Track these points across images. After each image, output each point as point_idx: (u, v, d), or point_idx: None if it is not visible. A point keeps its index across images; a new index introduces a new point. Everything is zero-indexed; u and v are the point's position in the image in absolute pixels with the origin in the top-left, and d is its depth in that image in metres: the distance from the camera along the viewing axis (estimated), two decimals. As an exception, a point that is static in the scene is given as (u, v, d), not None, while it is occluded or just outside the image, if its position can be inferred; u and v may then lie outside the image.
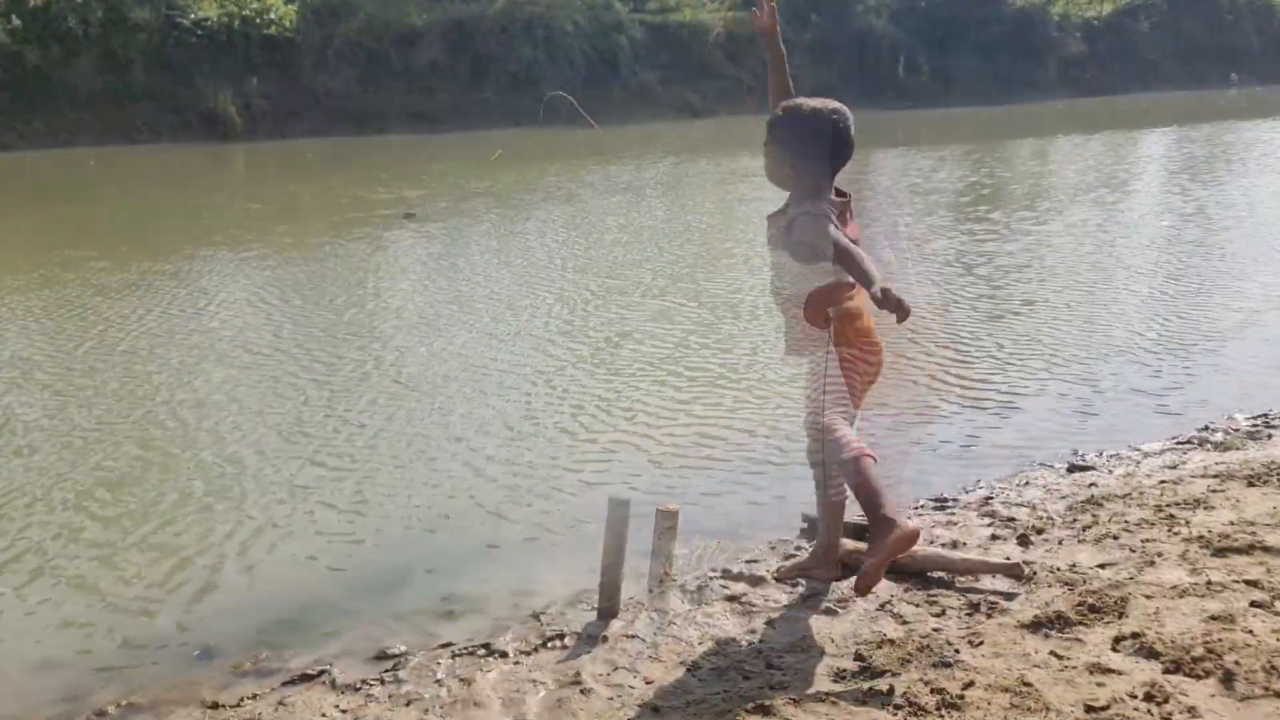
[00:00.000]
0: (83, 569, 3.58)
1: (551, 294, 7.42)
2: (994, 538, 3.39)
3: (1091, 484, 3.87)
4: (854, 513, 3.13)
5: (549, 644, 3.00)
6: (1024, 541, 3.33)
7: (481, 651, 2.98)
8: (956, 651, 2.58)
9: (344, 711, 2.70)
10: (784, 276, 3.05)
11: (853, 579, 3.09)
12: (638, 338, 6.31)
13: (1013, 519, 3.53)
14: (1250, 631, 2.63)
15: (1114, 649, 2.59)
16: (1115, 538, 3.30)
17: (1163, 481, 3.86)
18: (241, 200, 12.58)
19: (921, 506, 3.81)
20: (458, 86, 21.14)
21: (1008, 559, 3.09)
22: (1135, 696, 2.35)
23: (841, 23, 25.52)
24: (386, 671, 2.91)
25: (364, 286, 7.81)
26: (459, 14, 21.65)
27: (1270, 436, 4.43)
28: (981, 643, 2.63)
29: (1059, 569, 3.04)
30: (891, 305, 2.61)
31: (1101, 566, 3.06)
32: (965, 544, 3.36)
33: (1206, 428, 4.66)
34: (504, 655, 2.95)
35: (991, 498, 3.82)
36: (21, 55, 17.30)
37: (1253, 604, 2.79)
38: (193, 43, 19.03)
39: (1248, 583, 2.92)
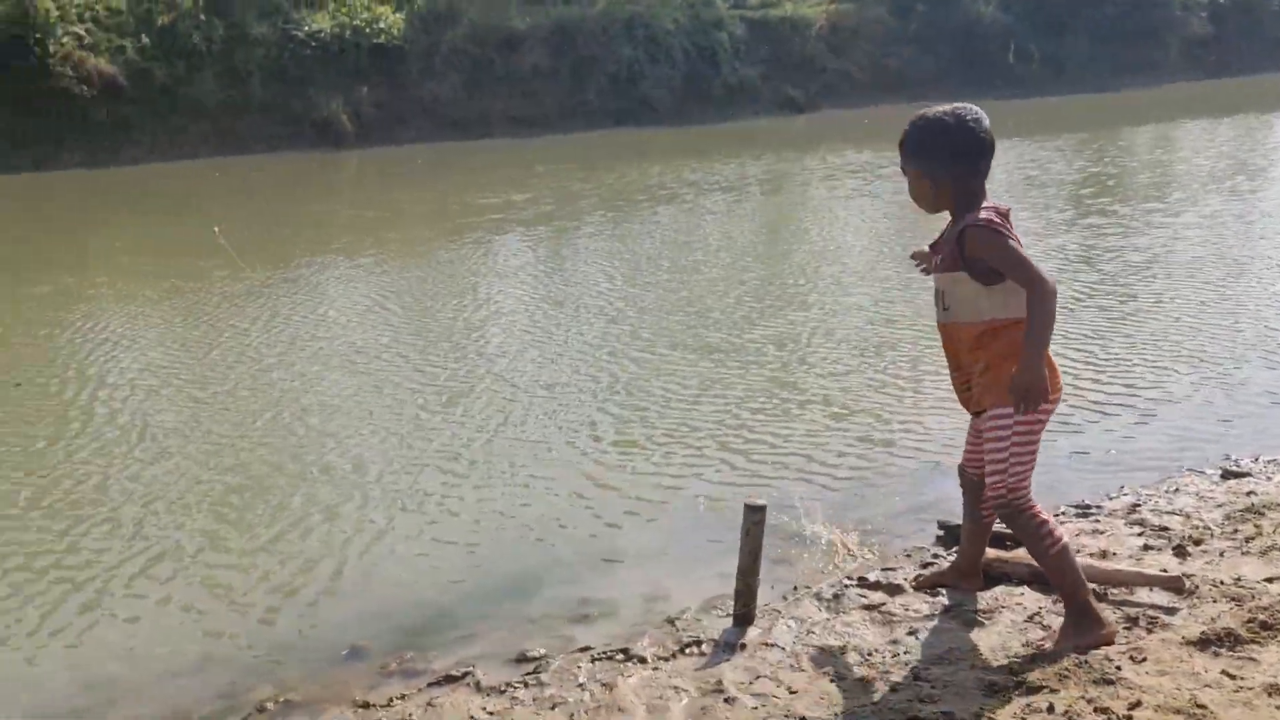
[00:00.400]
0: (223, 570, 3.71)
1: (662, 297, 7.42)
2: (1146, 548, 3.26)
3: (1249, 491, 3.69)
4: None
5: (686, 650, 3.00)
6: (1181, 552, 3.18)
7: (620, 656, 3.00)
8: (1118, 668, 2.49)
9: (491, 714, 2.75)
10: (958, 302, 2.76)
11: (996, 589, 3.02)
12: (760, 340, 6.27)
13: (1165, 528, 3.39)
14: None
15: (1291, 669, 2.46)
16: (1281, 549, 3.14)
17: (1326, 489, 3.66)
18: (354, 207, 12.92)
19: (1063, 513, 3.69)
20: (559, 89, 21.33)
21: (1165, 571, 2.96)
22: (1319, 721, 2.24)
23: (947, 11, 24.90)
24: (528, 674, 2.95)
25: (475, 291, 7.94)
26: (560, 16, 21.84)
27: None
28: (1144, 659, 2.53)
29: (1223, 582, 2.90)
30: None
31: (1270, 580, 2.91)
32: (1115, 554, 3.23)
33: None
34: (643, 660, 2.96)
35: (1139, 505, 3.67)
36: (150, 72, 18.10)
37: None
38: (306, 54, 19.61)
39: None
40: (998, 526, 3.16)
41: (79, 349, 6.58)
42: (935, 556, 3.43)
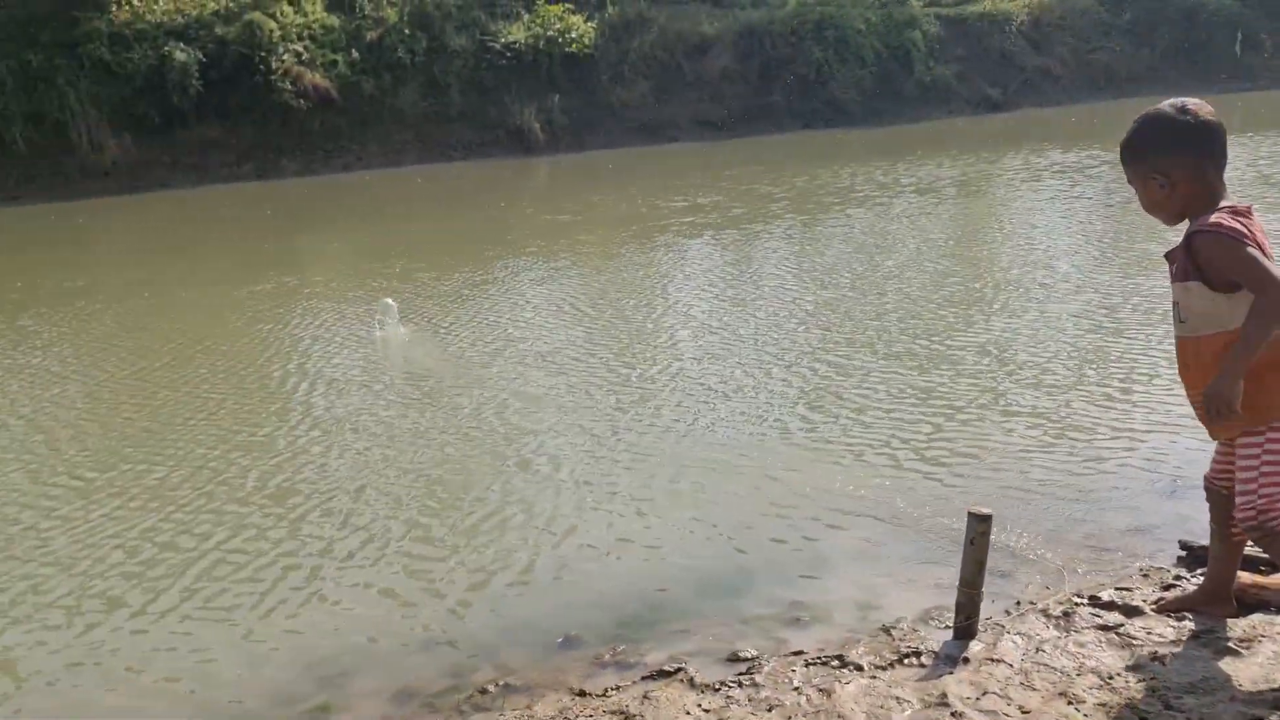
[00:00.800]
0: (433, 560, 3.85)
1: (857, 302, 7.26)
2: None
3: None
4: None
5: (905, 660, 2.91)
6: None
7: (835, 663, 2.93)
8: None
9: (707, 711, 2.74)
10: (1195, 314, 2.55)
11: (1253, 617, 2.78)
12: (966, 348, 6.04)
13: None
14: None
15: None
16: None
17: None
18: (548, 211, 13.29)
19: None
20: (747, 91, 21.31)
21: None
22: None
23: (1166, -1, 23.39)
24: (741, 674, 2.93)
25: (666, 292, 8.00)
26: (749, 20, 21.83)
27: None
28: None
29: None
30: None
31: None
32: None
33: None
34: (859, 668, 2.89)
35: None
36: (359, 84, 19.26)
37: None
38: (502, 65, 20.38)
39: None
40: (1250, 549, 2.91)
41: (298, 343, 7.04)
42: (1177, 578, 3.19)
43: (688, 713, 2.75)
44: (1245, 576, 2.97)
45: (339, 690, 3.06)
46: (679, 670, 2.98)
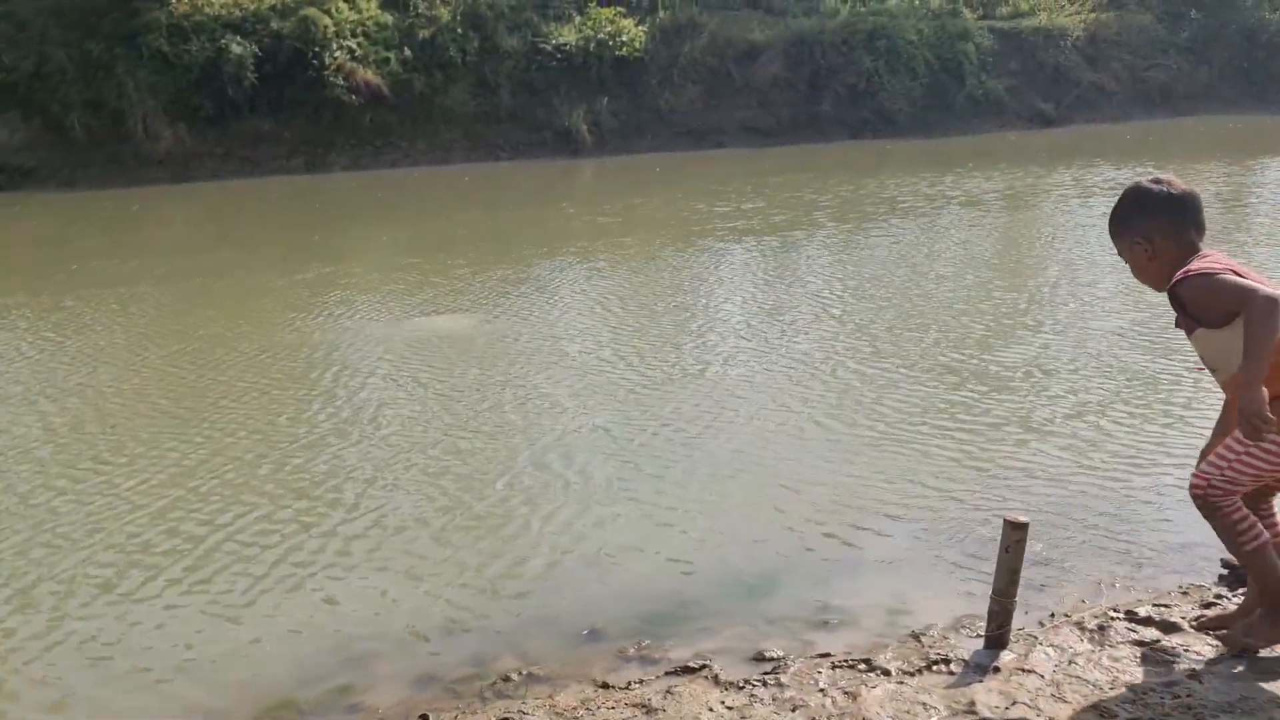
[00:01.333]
0: (465, 548, 3.85)
1: (896, 313, 7.18)
2: None
3: None
4: None
5: (934, 667, 2.87)
6: None
7: (862, 666, 2.90)
8: None
9: (730, 708, 2.71)
10: (1221, 357, 2.66)
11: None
12: (1007, 364, 5.96)
13: None
14: None
15: None
16: None
17: None
18: (591, 212, 13.32)
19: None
20: (796, 99, 21.21)
21: None
22: None
23: (1225, 16, 22.94)
24: (767, 674, 2.90)
25: (700, 296, 7.97)
26: (800, 28, 21.73)
27: None
28: None
29: None
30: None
31: None
32: None
33: None
34: (886, 673, 2.85)
35: None
36: (410, 82, 19.42)
37: None
38: (552, 66, 20.46)
39: None
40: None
41: (327, 333, 7.10)
42: (1218, 597, 3.12)
43: (710, 709, 2.72)
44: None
45: (362, 671, 3.07)
46: (703, 667, 2.96)
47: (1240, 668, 2.66)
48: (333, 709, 2.89)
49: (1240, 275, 2.58)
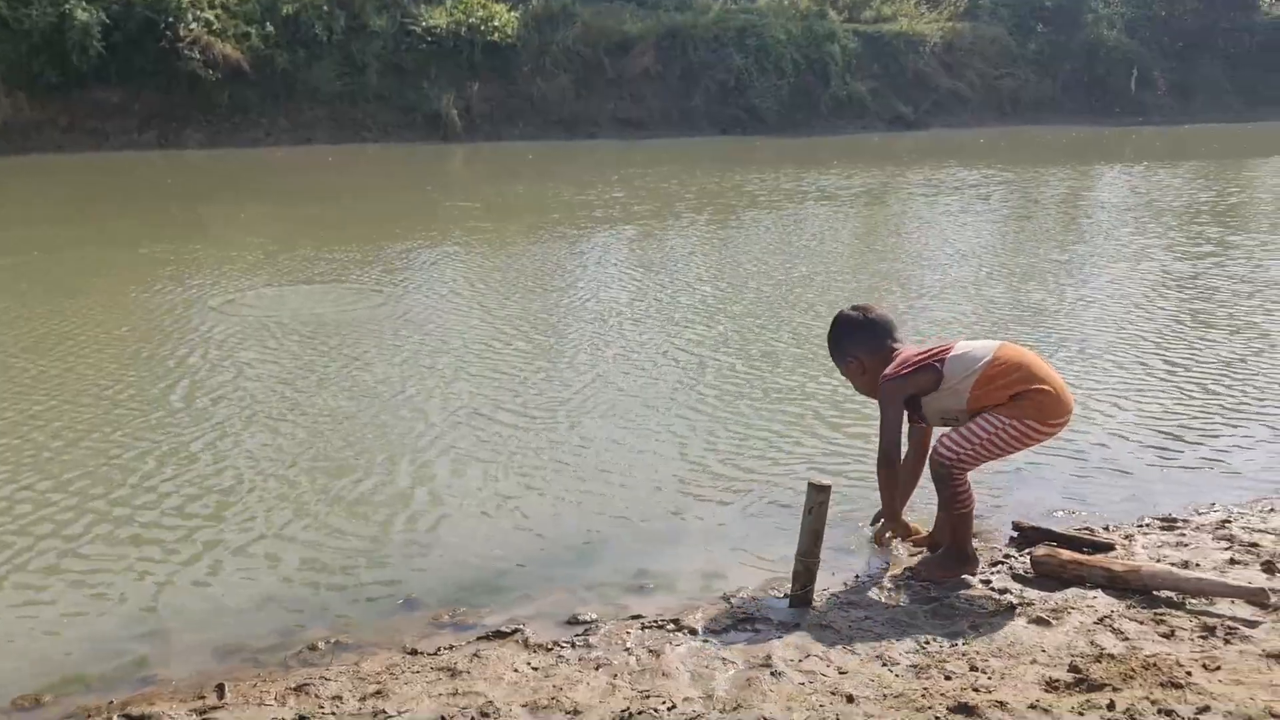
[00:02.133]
0: (299, 525, 3.77)
1: (744, 300, 7.36)
2: (1232, 562, 3.09)
3: (1353, 516, 3.46)
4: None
5: (739, 626, 2.96)
6: (1270, 569, 3.01)
7: (671, 626, 2.97)
8: (1188, 674, 2.35)
9: (535, 669, 2.74)
10: (948, 414, 3.23)
11: (1068, 590, 2.91)
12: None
13: (1255, 545, 3.20)
14: None
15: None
16: (1380, 575, 2.93)
17: None
18: (453, 197, 13.17)
19: (1147, 525, 3.52)
20: (667, 93, 21.43)
21: (1250, 584, 2.80)
22: None
23: (1070, 33, 24.24)
24: (578, 636, 2.93)
25: (554, 283, 7.98)
26: (672, 22, 21.95)
27: None
28: (1218, 668, 2.38)
29: (1313, 600, 2.72)
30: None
31: (1365, 602, 2.72)
32: (1198, 565, 3.07)
33: None
34: (693, 632, 2.93)
35: (1229, 521, 3.48)
36: (272, 58, 18.80)
37: None
38: (422, 48, 20.12)
39: None
40: (1069, 530, 3.03)
41: (158, 311, 6.84)
42: (1006, 556, 3.31)
43: (516, 670, 2.74)
44: (1067, 554, 3.09)
45: (161, 644, 2.97)
46: (515, 631, 2.98)
47: (1015, 619, 2.83)
48: (124, 681, 2.79)
49: (898, 406, 3.22)
